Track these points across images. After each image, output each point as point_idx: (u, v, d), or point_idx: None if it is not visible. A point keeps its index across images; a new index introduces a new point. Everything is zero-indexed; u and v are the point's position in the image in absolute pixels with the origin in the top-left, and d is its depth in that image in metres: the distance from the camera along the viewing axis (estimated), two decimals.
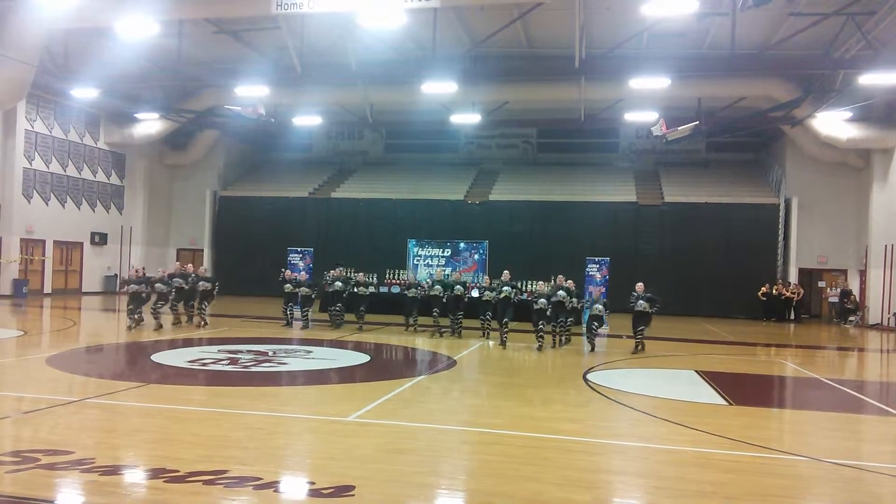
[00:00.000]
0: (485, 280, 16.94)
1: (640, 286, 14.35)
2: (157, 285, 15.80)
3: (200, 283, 16.31)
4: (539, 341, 13.88)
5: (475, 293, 17.03)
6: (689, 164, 30.98)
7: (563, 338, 14.69)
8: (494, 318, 15.26)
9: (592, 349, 14.03)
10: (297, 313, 17.23)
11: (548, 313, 14.05)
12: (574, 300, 14.54)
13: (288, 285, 17.09)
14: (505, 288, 14.95)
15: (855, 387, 11.22)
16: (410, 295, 16.58)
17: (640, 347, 14.17)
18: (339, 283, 16.96)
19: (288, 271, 17.68)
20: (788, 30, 19.20)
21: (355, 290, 16.89)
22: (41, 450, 5.82)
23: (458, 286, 16.28)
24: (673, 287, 25.92)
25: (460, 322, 16.17)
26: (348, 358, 12.39)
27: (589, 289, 17.87)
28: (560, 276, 14.95)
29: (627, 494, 5.47)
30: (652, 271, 26.00)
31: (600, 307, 14.49)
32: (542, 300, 14.04)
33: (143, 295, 15.45)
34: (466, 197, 28.93)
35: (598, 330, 14.94)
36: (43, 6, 17.56)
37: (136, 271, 16.04)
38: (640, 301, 14.05)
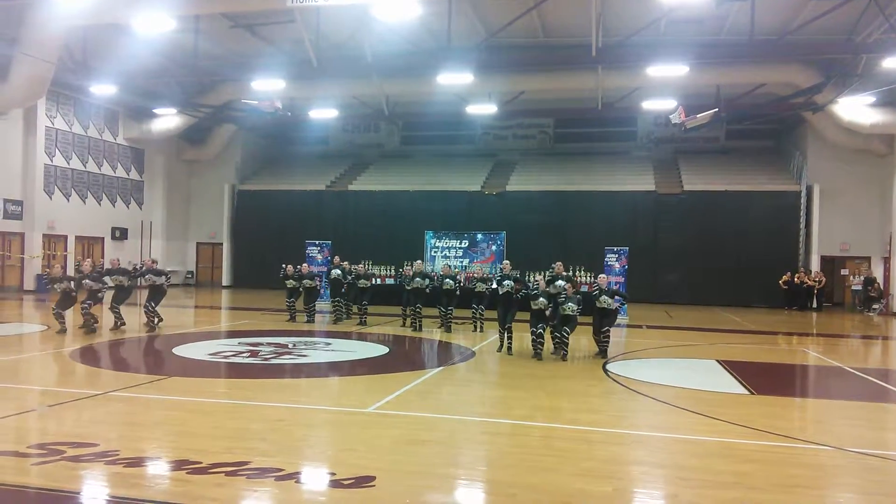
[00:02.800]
0: (504, 266, 15.97)
1: (602, 278, 12.14)
2: (86, 282, 13.72)
3: (148, 276, 14.58)
4: (535, 349, 11.39)
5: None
6: (709, 151, 30.67)
7: (562, 345, 11.51)
8: (490, 312, 13.00)
9: (563, 357, 11.28)
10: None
11: (546, 313, 11.42)
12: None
13: (290, 281, 16.59)
14: (506, 282, 12.20)
15: (879, 375, 11.07)
16: (414, 286, 15.21)
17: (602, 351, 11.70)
18: (336, 272, 16.53)
19: (290, 266, 17.12)
20: (809, 14, 18.89)
21: (357, 282, 16.43)
22: (66, 442, 5.90)
23: (447, 279, 15.17)
24: (693, 276, 25.82)
25: (450, 315, 15.28)
26: (367, 350, 12.43)
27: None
28: (558, 264, 12.66)
29: (649, 485, 5.44)
30: (672, 260, 25.97)
31: (573, 306, 11.37)
32: (542, 299, 11.36)
33: (73, 294, 13.69)
34: (483, 188, 28.85)
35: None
36: (61, 4, 17.72)
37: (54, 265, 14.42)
38: (605, 297, 11.60)
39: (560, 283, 11.95)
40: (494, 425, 7.19)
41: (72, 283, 13.77)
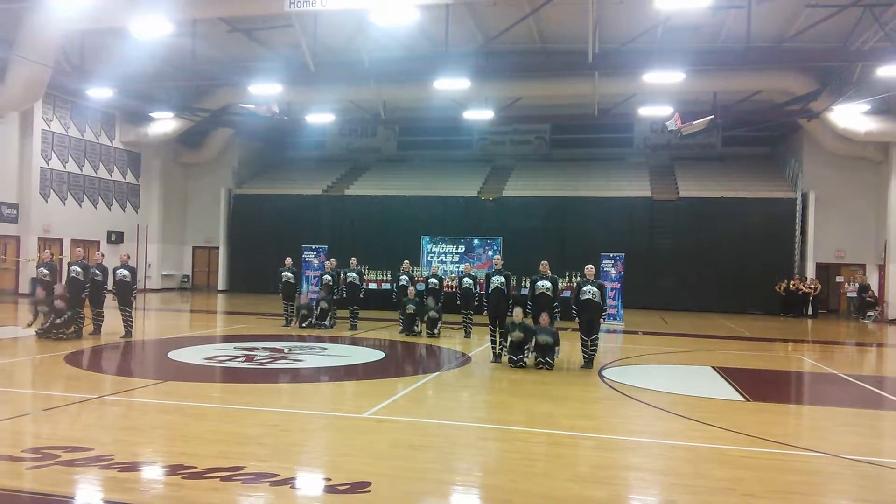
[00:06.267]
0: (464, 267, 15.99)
1: (590, 270, 11.25)
2: (74, 268, 13.34)
3: (118, 272, 13.52)
4: (514, 363, 10.93)
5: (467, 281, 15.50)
6: (705, 158, 30.75)
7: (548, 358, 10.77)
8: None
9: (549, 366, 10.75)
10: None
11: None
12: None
13: (287, 273, 16.38)
14: (496, 278, 11.68)
15: (874, 382, 11.10)
16: (401, 283, 15.65)
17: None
18: (327, 277, 16.45)
19: (289, 259, 17.05)
20: (805, 22, 19.00)
21: (347, 278, 16.15)
22: (61, 446, 5.88)
23: (432, 279, 15.50)
24: (689, 283, 25.86)
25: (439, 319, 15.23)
26: (363, 355, 12.42)
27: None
28: (543, 263, 11.42)
29: (644, 491, 5.44)
30: (668, 267, 26.01)
31: (547, 283, 10.81)
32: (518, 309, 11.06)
33: (52, 286, 13.24)
34: (480, 193, 28.88)
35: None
36: (58, 7, 17.72)
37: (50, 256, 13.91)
38: (591, 287, 10.88)
39: (545, 282, 11.15)
40: (490, 431, 7.19)
41: (51, 270, 13.43)
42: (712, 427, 7.33)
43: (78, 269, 13.55)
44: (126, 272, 13.59)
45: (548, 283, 11.12)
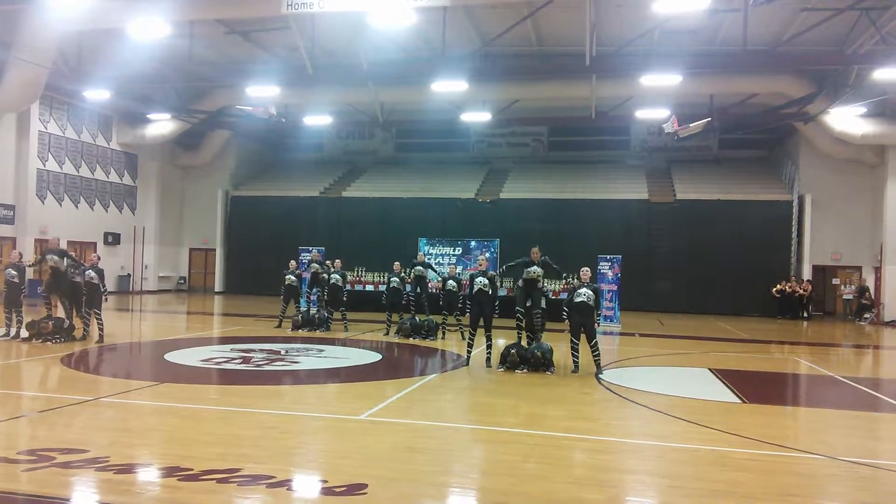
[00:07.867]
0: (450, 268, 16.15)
1: (586, 273, 10.98)
2: (51, 256, 13.23)
3: (88, 274, 13.04)
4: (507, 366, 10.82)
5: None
6: (702, 161, 30.80)
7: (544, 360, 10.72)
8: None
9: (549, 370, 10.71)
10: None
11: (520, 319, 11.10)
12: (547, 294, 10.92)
13: (290, 277, 16.64)
14: (479, 279, 11.46)
15: (870, 384, 11.12)
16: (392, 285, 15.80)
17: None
18: (315, 266, 16.58)
19: (293, 262, 17.32)
20: (801, 25, 19.05)
21: (330, 278, 16.29)
22: (57, 448, 5.86)
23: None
24: (686, 285, 25.89)
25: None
26: (360, 357, 12.41)
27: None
28: (535, 250, 11.45)
29: (641, 493, 5.44)
30: (664, 269, 26.03)
31: (538, 269, 10.87)
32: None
33: (21, 288, 13.24)
34: (477, 195, 28.89)
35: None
36: (56, 8, 17.70)
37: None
38: (586, 290, 10.67)
39: (536, 269, 11.10)
40: (487, 433, 7.18)
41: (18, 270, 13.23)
42: (710, 429, 7.33)
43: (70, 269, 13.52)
44: (93, 274, 13.09)
45: (539, 270, 11.12)
